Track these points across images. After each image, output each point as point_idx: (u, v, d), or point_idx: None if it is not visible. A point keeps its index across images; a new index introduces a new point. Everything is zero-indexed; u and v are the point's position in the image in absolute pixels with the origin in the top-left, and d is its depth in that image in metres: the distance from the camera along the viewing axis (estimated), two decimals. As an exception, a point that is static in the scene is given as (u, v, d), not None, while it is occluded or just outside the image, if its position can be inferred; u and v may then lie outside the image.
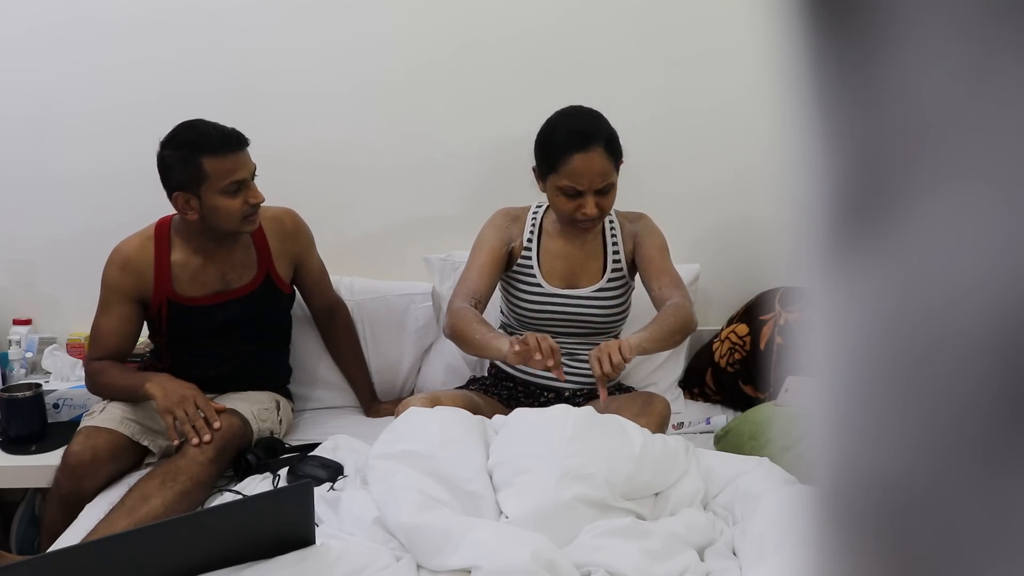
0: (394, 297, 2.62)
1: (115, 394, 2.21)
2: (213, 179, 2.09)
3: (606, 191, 2.16)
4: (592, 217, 2.16)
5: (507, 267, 2.33)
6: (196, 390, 2.10)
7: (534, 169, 2.23)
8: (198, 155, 2.09)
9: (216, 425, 2.06)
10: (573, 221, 2.19)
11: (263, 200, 2.17)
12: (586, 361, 2.26)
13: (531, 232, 2.33)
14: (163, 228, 2.26)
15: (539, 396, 2.29)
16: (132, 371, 2.24)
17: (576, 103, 2.24)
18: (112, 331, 2.23)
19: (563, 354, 2.25)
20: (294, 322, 2.51)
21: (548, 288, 2.28)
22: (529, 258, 2.31)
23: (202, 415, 2.06)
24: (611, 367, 1.95)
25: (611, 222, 2.33)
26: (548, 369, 1.95)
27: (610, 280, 2.29)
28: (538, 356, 1.94)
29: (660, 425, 2.09)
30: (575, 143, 2.12)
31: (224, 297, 2.27)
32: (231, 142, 2.11)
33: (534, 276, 2.30)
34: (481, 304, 2.22)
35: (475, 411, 2.05)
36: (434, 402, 2.05)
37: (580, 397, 2.28)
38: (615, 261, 2.31)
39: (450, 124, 2.68)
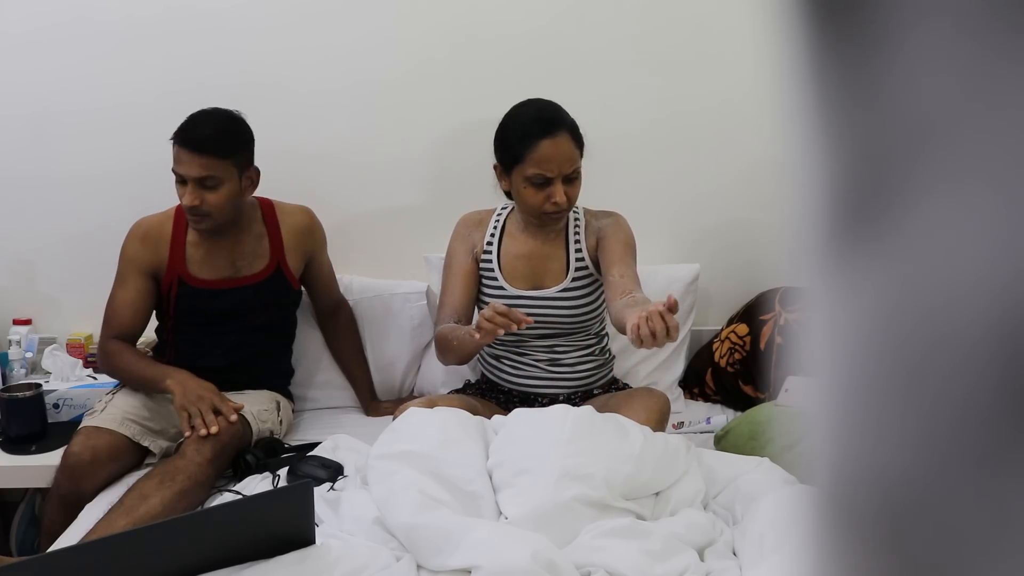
0: (390, 296, 2.62)
1: (130, 380, 2.24)
2: (174, 163, 2.18)
3: (573, 178, 2.13)
4: (562, 207, 2.12)
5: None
6: (213, 390, 2.14)
7: (495, 168, 2.21)
8: (173, 139, 2.17)
9: (232, 418, 2.10)
10: (543, 214, 2.15)
11: (190, 204, 2.16)
12: (570, 365, 2.25)
13: (492, 235, 2.30)
14: (182, 209, 2.29)
15: (534, 402, 2.25)
16: (152, 362, 2.27)
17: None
18: (127, 304, 2.27)
19: (543, 359, 2.26)
20: (297, 323, 2.53)
21: (511, 291, 2.24)
22: (489, 261, 2.28)
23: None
24: (664, 329, 1.70)
25: (576, 219, 2.28)
26: (521, 324, 1.92)
27: (575, 279, 2.24)
28: (502, 333, 1.92)
29: (660, 421, 2.08)
30: (540, 129, 2.10)
31: (233, 283, 2.31)
32: (189, 140, 2.15)
33: (496, 279, 2.26)
34: (464, 321, 2.24)
35: (473, 414, 2.04)
36: (432, 407, 2.03)
37: (576, 399, 2.26)
38: (578, 259, 2.24)
39: (450, 122, 2.68)
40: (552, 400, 2.24)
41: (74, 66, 2.63)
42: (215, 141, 2.16)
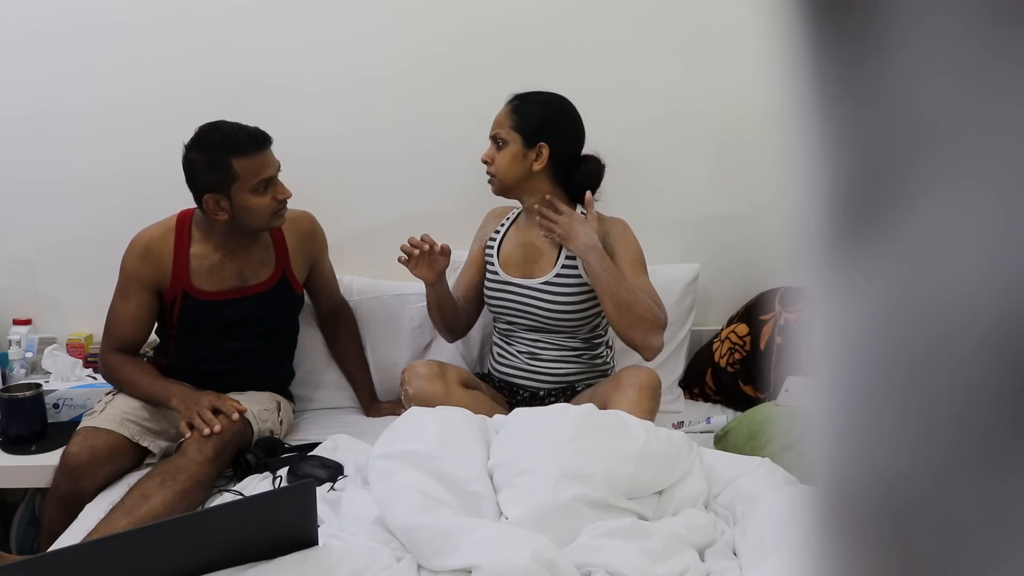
0: (390, 297, 2.63)
1: (133, 394, 2.23)
2: (243, 179, 2.12)
3: (499, 144, 2.24)
4: (487, 167, 2.26)
5: None
6: (212, 395, 2.15)
7: None
8: (227, 156, 2.11)
9: (234, 416, 2.09)
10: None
11: (290, 195, 2.22)
12: (551, 360, 2.31)
13: (503, 224, 2.42)
14: (184, 220, 2.28)
15: (517, 393, 2.34)
16: (155, 377, 2.24)
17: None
18: (128, 318, 2.25)
19: (526, 353, 2.33)
20: (299, 328, 2.52)
21: (503, 275, 2.34)
22: (492, 247, 2.39)
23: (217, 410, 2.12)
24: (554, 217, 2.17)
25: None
26: (435, 245, 2.18)
27: (559, 275, 2.25)
28: (417, 252, 2.17)
29: (652, 396, 2.09)
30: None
31: (239, 293, 2.30)
32: (258, 141, 2.14)
33: (493, 264, 2.37)
34: (469, 304, 2.41)
35: (474, 387, 2.22)
36: (440, 368, 2.20)
37: (552, 397, 2.30)
38: (569, 256, 2.26)
39: (450, 122, 2.68)
40: (532, 394, 2.32)
41: (74, 67, 2.63)
42: (265, 134, 2.17)
